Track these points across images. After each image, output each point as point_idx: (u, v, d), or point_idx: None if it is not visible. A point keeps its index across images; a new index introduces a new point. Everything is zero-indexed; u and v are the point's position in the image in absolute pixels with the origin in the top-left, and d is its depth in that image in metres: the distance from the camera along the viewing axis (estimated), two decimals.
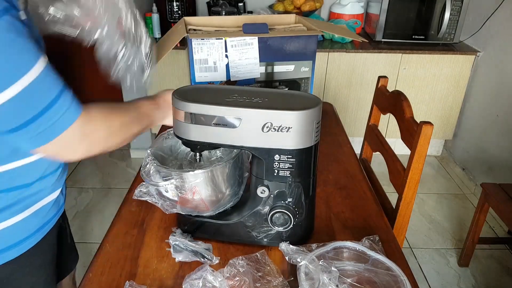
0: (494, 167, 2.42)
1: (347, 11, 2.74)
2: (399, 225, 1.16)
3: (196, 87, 0.81)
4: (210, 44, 1.13)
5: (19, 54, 0.57)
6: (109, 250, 0.84)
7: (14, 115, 0.59)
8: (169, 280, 0.77)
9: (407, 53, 2.54)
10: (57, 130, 0.62)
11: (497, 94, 2.41)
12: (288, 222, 0.79)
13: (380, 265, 0.75)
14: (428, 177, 2.75)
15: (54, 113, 0.61)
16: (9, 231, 0.73)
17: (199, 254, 0.80)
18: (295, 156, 0.74)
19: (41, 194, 0.78)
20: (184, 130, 0.75)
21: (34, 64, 0.59)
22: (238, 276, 0.72)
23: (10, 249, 0.75)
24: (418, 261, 2.03)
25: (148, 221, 0.93)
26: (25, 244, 0.77)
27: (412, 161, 1.08)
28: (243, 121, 0.71)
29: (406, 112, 1.18)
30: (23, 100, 0.58)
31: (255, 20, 1.25)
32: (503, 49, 2.37)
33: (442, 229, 2.27)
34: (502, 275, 1.96)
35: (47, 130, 0.61)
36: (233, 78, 1.19)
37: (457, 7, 2.49)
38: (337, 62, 2.57)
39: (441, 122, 2.77)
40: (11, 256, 0.75)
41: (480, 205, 1.83)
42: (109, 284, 0.76)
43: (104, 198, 2.44)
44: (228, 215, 0.85)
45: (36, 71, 0.59)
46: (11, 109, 0.58)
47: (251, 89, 0.81)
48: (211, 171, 0.75)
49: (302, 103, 0.72)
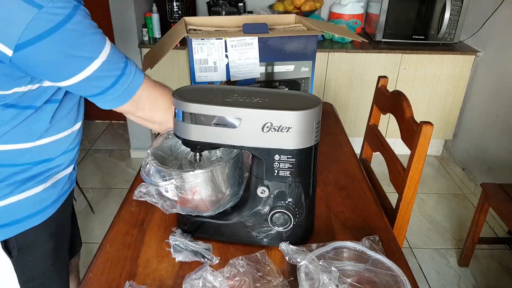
0: (494, 167, 2.42)
1: (347, 11, 2.74)
2: (399, 225, 1.16)
3: (196, 87, 0.81)
4: (210, 44, 1.13)
5: (98, 34, 0.69)
6: (109, 250, 0.84)
7: (98, 83, 0.71)
8: (169, 280, 0.77)
9: (407, 53, 2.54)
10: (129, 93, 0.75)
11: (497, 94, 2.41)
12: (288, 222, 0.79)
13: (380, 265, 0.75)
14: (428, 177, 2.75)
15: (126, 79, 0.73)
16: (32, 200, 0.82)
17: (199, 254, 0.80)
18: (295, 156, 0.74)
19: (60, 168, 0.87)
20: (184, 130, 0.75)
21: (106, 41, 0.71)
22: (238, 276, 0.73)
23: (34, 216, 0.83)
24: (418, 261, 2.03)
25: (148, 221, 0.93)
26: (46, 212, 0.85)
27: (412, 161, 1.08)
28: (243, 121, 0.71)
29: (406, 112, 1.18)
30: (104, 70, 0.70)
31: (255, 20, 1.25)
32: (503, 49, 2.37)
33: (442, 229, 2.27)
34: (502, 275, 1.96)
35: (121, 94, 0.74)
36: (233, 78, 1.19)
37: (457, 7, 2.49)
38: (337, 62, 2.57)
39: (441, 122, 2.77)
40: (35, 223, 0.84)
41: (480, 205, 1.83)
42: (109, 284, 0.76)
43: (104, 198, 2.44)
44: (228, 215, 0.85)
45: (108, 46, 0.71)
46: (95, 78, 0.70)
47: (251, 89, 0.81)
48: (211, 171, 0.75)
49: (302, 103, 0.72)
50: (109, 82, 0.71)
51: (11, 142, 0.75)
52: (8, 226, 0.80)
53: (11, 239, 0.81)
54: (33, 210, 0.83)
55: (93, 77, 0.69)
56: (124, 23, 2.54)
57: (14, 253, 0.82)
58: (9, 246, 0.82)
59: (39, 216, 0.84)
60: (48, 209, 0.86)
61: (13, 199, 0.79)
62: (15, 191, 0.79)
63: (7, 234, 0.81)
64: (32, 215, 0.83)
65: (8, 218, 0.80)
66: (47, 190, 0.85)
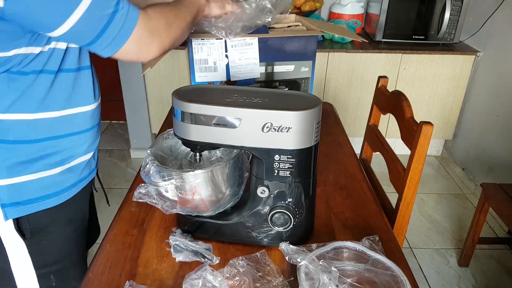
0: (494, 167, 2.42)
1: (347, 11, 2.74)
2: (399, 225, 1.16)
3: (196, 87, 0.81)
4: (210, 44, 1.13)
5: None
6: (109, 250, 0.84)
7: (89, 29, 0.68)
8: (169, 280, 0.77)
9: (407, 53, 2.54)
10: (126, 32, 0.70)
11: (497, 94, 2.41)
12: (288, 222, 0.79)
13: (380, 265, 0.75)
14: (428, 177, 2.75)
15: (119, 19, 0.68)
16: (48, 181, 0.82)
17: (199, 254, 0.80)
18: (295, 156, 0.74)
19: (75, 152, 0.86)
20: (184, 130, 0.75)
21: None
22: (238, 276, 0.73)
23: (48, 198, 0.83)
24: (418, 261, 2.03)
25: (148, 221, 0.93)
26: (61, 196, 0.85)
27: (412, 161, 1.08)
28: (243, 121, 0.71)
29: (406, 112, 1.18)
30: (92, 14, 0.66)
31: None
32: (503, 49, 2.37)
33: (442, 229, 2.27)
34: (502, 275, 1.96)
35: (118, 34, 0.69)
36: (233, 78, 1.19)
37: (457, 7, 2.49)
38: (337, 62, 2.57)
39: (441, 122, 2.77)
40: (49, 205, 0.83)
41: (480, 205, 1.83)
42: (109, 284, 0.76)
43: (104, 198, 2.44)
44: (228, 215, 0.85)
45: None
46: (84, 25, 0.66)
47: (251, 89, 0.81)
48: (211, 171, 0.75)
49: (302, 103, 0.72)
50: (103, 21, 0.68)
51: (21, 111, 0.75)
52: (21, 205, 0.80)
53: (23, 220, 0.81)
54: (48, 191, 0.83)
55: (85, 18, 0.66)
56: None
57: (27, 234, 0.82)
58: (22, 227, 0.82)
59: (54, 198, 0.84)
60: (64, 192, 0.86)
61: (28, 178, 0.79)
62: (29, 168, 0.79)
63: (20, 212, 0.80)
64: (46, 196, 0.83)
65: (22, 196, 0.80)
66: (63, 174, 0.84)
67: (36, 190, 0.81)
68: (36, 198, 0.81)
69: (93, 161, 0.95)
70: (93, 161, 0.95)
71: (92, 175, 0.96)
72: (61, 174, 0.84)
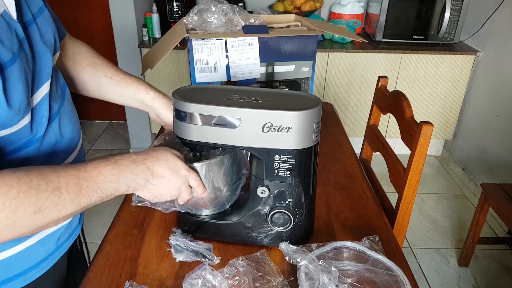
0: (494, 167, 2.42)
1: (347, 11, 2.74)
2: (399, 225, 1.16)
3: (196, 87, 0.81)
4: (210, 45, 1.13)
5: None
6: (109, 250, 0.84)
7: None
8: (169, 280, 0.77)
9: (407, 53, 2.54)
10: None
11: (497, 94, 2.41)
12: (288, 222, 0.79)
13: (380, 265, 0.75)
14: (428, 177, 2.75)
15: None
16: (12, 260, 0.66)
17: (200, 254, 0.80)
18: (295, 156, 0.74)
19: None
20: (184, 130, 0.75)
21: None
22: (238, 276, 0.73)
23: (13, 280, 0.67)
24: (418, 261, 2.03)
25: (148, 221, 0.93)
26: (30, 274, 0.69)
27: (412, 161, 1.08)
28: (243, 121, 0.71)
29: (406, 112, 1.18)
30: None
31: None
32: (503, 49, 2.37)
33: (442, 229, 2.27)
34: (502, 275, 1.96)
35: None
36: (234, 79, 1.19)
37: (457, 7, 2.49)
38: (337, 62, 2.57)
39: (441, 122, 2.77)
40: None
41: (480, 205, 1.83)
42: (109, 284, 0.76)
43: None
44: (228, 215, 0.85)
45: None
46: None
47: (251, 89, 0.81)
48: (207, 165, 0.75)
49: (302, 103, 0.72)
50: None
51: None
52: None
53: None
54: (14, 272, 0.67)
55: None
56: (124, 23, 2.54)
57: None
58: None
59: (21, 279, 0.68)
60: (35, 269, 0.69)
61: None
62: None
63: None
64: (12, 278, 0.66)
65: None
66: (33, 248, 0.68)
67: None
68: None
69: (75, 219, 0.78)
70: (75, 219, 0.78)
71: (73, 237, 0.79)
72: (27, 249, 0.67)
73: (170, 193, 0.68)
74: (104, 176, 0.59)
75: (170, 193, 0.68)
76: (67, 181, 0.55)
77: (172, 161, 0.67)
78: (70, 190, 0.55)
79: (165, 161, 0.66)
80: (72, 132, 0.74)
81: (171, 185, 0.67)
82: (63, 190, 0.54)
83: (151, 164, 0.65)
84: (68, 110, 0.75)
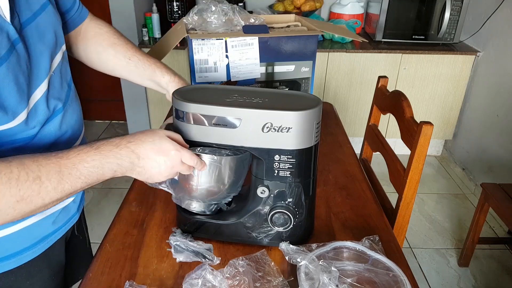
0: (494, 167, 2.42)
1: (347, 11, 2.74)
2: (399, 225, 1.16)
3: (196, 87, 0.81)
4: (210, 45, 1.13)
5: None
6: (109, 250, 0.84)
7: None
8: (169, 280, 0.77)
9: (407, 53, 2.54)
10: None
11: (497, 94, 2.41)
12: (288, 222, 0.79)
13: (380, 265, 0.75)
14: (428, 177, 2.75)
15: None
16: (8, 239, 0.67)
17: (200, 254, 0.80)
18: (295, 157, 0.74)
19: None
20: (184, 130, 0.75)
21: None
22: (238, 276, 0.73)
23: (8, 259, 0.69)
24: (418, 261, 2.03)
25: (148, 221, 0.93)
26: (25, 254, 0.71)
27: (412, 161, 1.08)
28: (243, 121, 0.71)
29: (406, 112, 1.18)
30: None
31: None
32: (503, 49, 2.37)
33: (442, 229, 2.27)
34: (502, 275, 1.96)
35: None
36: (234, 79, 1.19)
37: (457, 7, 2.49)
38: (337, 62, 2.57)
39: (441, 122, 2.77)
40: (9, 267, 0.70)
41: (480, 205, 1.83)
42: (109, 284, 0.76)
43: (104, 198, 2.44)
44: (228, 215, 0.85)
45: None
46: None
47: (251, 89, 0.81)
48: (220, 159, 0.73)
49: (302, 103, 0.72)
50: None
51: None
52: None
53: None
54: (10, 251, 0.68)
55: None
56: (124, 23, 2.54)
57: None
58: None
59: (16, 258, 0.70)
60: (29, 249, 0.71)
61: None
62: None
63: None
64: (7, 257, 0.69)
65: None
66: (29, 229, 0.69)
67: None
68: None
69: (73, 205, 0.80)
70: (73, 205, 0.80)
71: (71, 222, 0.81)
72: (24, 230, 0.68)
73: (161, 174, 0.67)
74: (87, 163, 0.59)
75: (162, 174, 0.67)
76: (48, 170, 0.55)
77: (158, 142, 0.66)
78: (51, 178, 0.55)
79: (151, 143, 0.65)
80: (73, 127, 0.75)
81: (159, 166, 0.66)
82: (44, 178, 0.55)
83: (136, 147, 0.64)
84: (72, 107, 0.76)
